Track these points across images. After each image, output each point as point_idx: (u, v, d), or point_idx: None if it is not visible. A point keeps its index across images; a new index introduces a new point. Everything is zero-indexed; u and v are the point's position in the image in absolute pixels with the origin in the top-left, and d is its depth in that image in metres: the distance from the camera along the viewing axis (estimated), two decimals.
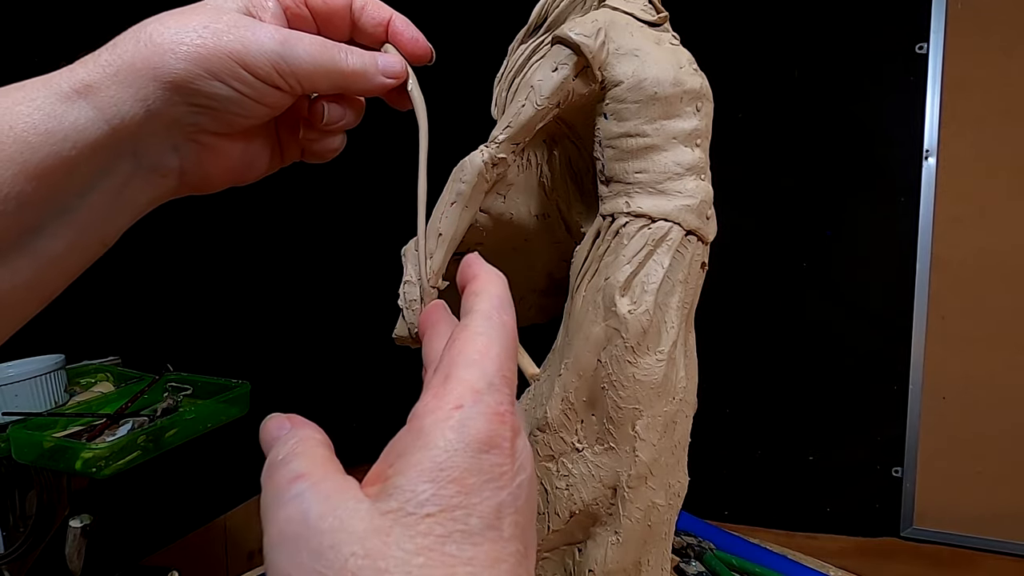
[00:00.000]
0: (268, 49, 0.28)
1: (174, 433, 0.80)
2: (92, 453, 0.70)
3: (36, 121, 0.25)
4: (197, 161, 0.30)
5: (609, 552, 0.43)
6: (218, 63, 0.27)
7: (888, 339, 1.26)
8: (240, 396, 0.87)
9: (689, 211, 0.42)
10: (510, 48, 0.43)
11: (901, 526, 1.30)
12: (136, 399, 0.85)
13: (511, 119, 0.41)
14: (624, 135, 0.42)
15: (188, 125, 0.29)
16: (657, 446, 0.42)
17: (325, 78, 0.31)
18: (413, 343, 0.42)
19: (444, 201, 0.42)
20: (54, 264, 0.28)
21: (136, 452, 0.76)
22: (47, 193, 0.26)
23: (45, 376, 0.81)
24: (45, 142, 0.25)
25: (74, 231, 0.28)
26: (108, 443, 0.73)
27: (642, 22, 0.43)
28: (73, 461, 0.70)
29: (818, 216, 1.29)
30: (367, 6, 0.34)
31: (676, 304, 0.42)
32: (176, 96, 0.27)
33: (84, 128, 0.26)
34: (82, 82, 0.26)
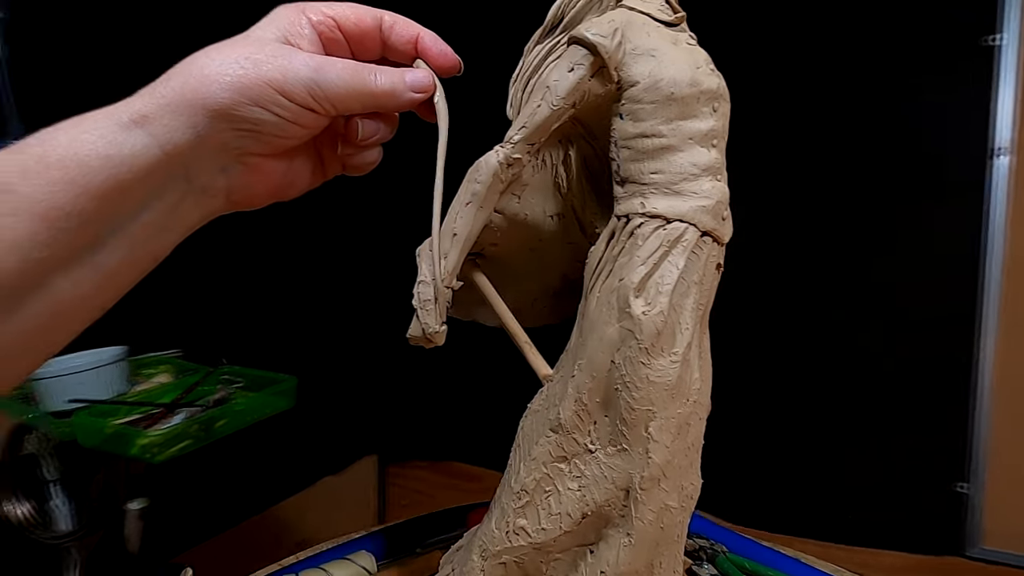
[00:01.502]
0: (303, 76, 0.31)
1: (224, 423, 0.84)
2: (147, 439, 0.74)
3: (98, 147, 0.28)
4: (243, 181, 0.34)
5: (621, 554, 0.42)
6: (258, 91, 0.30)
7: (946, 346, 1.20)
8: (287, 389, 0.91)
9: (705, 212, 0.42)
10: (526, 48, 0.44)
11: (967, 545, 1.23)
12: (191, 390, 0.89)
13: (526, 119, 0.42)
14: (640, 135, 0.42)
15: (234, 148, 0.32)
16: (670, 448, 0.42)
17: (357, 100, 0.34)
18: (427, 343, 0.43)
19: (459, 201, 0.42)
20: (111, 276, 0.30)
21: (188, 440, 0.79)
22: (106, 211, 0.29)
23: (108, 367, 0.86)
24: (105, 166, 0.28)
25: (129, 246, 0.30)
26: (162, 430, 0.78)
27: (659, 22, 0.43)
28: (130, 446, 0.74)
29: (862, 218, 1.25)
30: (396, 25, 0.37)
31: (691, 305, 0.42)
32: (222, 122, 0.30)
33: (140, 154, 0.29)
34: (139, 112, 0.29)
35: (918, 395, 1.22)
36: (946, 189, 1.18)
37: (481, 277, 0.48)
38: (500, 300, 0.48)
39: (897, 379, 1.24)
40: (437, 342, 0.43)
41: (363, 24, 0.35)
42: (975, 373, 1.19)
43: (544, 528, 0.44)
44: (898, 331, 1.24)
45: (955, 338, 1.19)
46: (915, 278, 1.21)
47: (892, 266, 1.23)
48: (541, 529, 0.44)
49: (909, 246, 1.21)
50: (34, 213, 0.27)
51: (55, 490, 0.93)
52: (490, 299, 0.48)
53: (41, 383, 0.84)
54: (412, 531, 0.67)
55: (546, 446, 0.44)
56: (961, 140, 1.16)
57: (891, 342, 1.24)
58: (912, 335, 1.22)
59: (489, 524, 0.46)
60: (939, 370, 1.21)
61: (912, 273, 1.21)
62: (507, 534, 0.45)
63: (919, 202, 1.19)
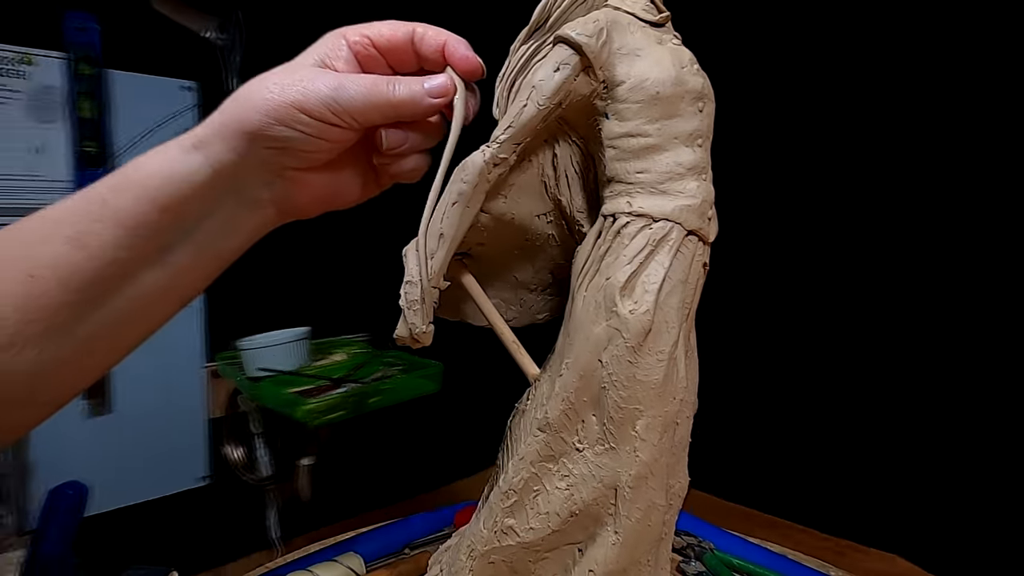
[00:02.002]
0: (323, 94, 0.35)
1: (376, 399, 0.96)
2: (309, 406, 0.86)
3: (164, 169, 0.35)
4: (287, 193, 0.38)
5: (609, 552, 0.43)
6: (283, 111, 0.34)
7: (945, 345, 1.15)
8: (433, 374, 1.03)
9: (690, 211, 0.42)
10: (512, 48, 0.44)
11: None
12: (358, 369, 1.04)
13: (513, 119, 0.42)
14: (626, 135, 0.42)
15: (272, 164, 0.36)
16: (658, 446, 0.42)
17: (377, 110, 0.37)
18: (414, 344, 0.43)
19: (445, 201, 0.42)
20: (181, 275, 0.37)
21: (342, 411, 0.92)
22: (172, 221, 0.35)
23: (292, 344, 1.02)
24: (169, 183, 0.34)
25: (195, 250, 0.37)
26: (322, 400, 0.90)
27: (644, 22, 0.43)
28: (295, 410, 0.86)
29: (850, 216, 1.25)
30: (426, 36, 0.39)
31: (677, 304, 0.42)
32: (257, 143, 0.35)
33: (196, 172, 0.35)
34: (197, 138, 0.35)
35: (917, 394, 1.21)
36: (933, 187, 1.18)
37: (468, 277, 0.48)
38: (487, 300, 0.48)
39: (889, 376, 1.24)
40: (424, 342, 0.43)
41: (395, 39, 0.38)
42: None
43: (532, 527, 0.44)
44: (885, 329, 1.24)
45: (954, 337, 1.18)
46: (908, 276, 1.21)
47: (883, 264, 1.24)
48: (529, 528, 0.44)
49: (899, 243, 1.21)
50: (117, 221, 0.33)
51: (259, 442, 1.14)
52: (477, 299, 0.48)
53: (243, 353, 1.00)
54: (400, 532, 0.67)
55: (534, 445, 0.44)
56: None
57: (880, 340, 1.25)
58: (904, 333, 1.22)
59: (477, 524, 0.46)
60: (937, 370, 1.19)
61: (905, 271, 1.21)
62: (496, 534, 0.45)
63: (907, 199, 1.20)
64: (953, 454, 1.14)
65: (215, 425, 1.16)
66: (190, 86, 1.13)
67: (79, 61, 0.97)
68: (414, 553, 0.64)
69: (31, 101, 0.97)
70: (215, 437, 1.16)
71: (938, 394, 1.16)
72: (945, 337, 1.15)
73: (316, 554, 0.63)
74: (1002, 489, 1.08)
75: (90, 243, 0.33)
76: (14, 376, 0.33)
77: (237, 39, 1.09)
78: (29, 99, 0.97)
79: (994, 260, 1.09)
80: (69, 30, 0.97)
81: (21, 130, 0.97)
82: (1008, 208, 1.06)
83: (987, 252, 1.09)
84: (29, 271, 0.32)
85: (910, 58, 1.16)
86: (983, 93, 1.08)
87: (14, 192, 0.97)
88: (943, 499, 1.15)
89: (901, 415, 1.22)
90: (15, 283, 0.32)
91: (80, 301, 0.34)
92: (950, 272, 1.14)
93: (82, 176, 1.00)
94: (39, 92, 0.97)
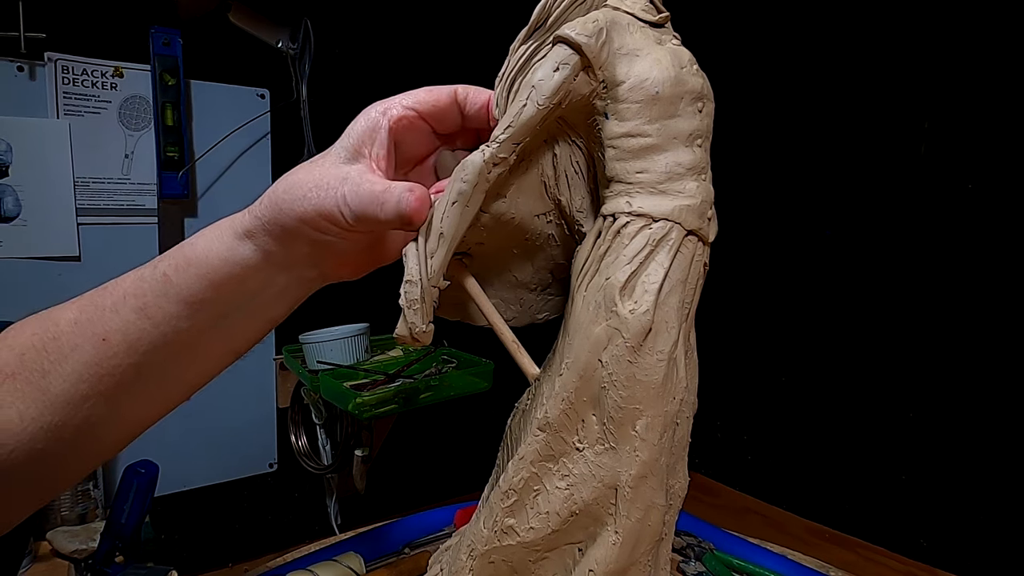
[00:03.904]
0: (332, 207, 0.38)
1: (427, 395, 0.99)
2: (361, 399, 0.90)
3: (221, 253, 0.39)
4: (332, 268, 0.43)
5: (610, 552, 0.43)
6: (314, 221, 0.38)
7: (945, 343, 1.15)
8: (485, 372, 1.05)
9: (690, 211, 0.42)
10: (511, 48, 0.44)
11: None
12: (411, 365, 1.07)
13: (512, 119, 0.41)
14: (625, 135, 0.42)
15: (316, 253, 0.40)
16: (658, 446, 0.42)
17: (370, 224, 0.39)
18: (414, 343, 0.43)
19: (445, 201, 0.42)
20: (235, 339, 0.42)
21: (393, 405, 0.95)
22: (226, 297, 0.39)
23: (351, 339, 1.06)
24: (224, 266, 0.39)
25: (249, 319, 0.41)
26: (374, 394, 0.93)
27: (643, 22, 0.43)
28: (348, 403, 0.89)
29: (849, 216, 1.25)
30: (469, 96, 0.43)
31: (676, 304, 0.42)
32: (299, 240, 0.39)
33: (249, 258, 0.39)
34: (246, 229, 0.39)
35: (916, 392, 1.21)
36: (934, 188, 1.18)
37: (468, 277, 0.48)
38: (487, 299, 0.48)
39: (888, 375, 1.24)
40: (424, 341, 0.43)
41: (440, 104, 0.42)
42: None
43: (533, 527, 0.44)
44: (883, 328, 1.24)
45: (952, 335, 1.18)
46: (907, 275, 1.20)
47: (882, 263, 1.23)
48: (530, 528, 0.44)
49: (898, 241, 1.21)
50: (180, 298, 0.38)
51: (320, 432, 1.20)
52: (477, 299, 0.48)
53: (305, 346, 1.05)
54: (400, 531, 0.67)
55: (534, 445, 0.44)
56: None
57: (879, 338, 1.25)
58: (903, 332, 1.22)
59: (478, 524, 0.47)
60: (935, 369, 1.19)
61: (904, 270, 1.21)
62: (496, 533, 0.45)
63: (906, 198, 1.20)
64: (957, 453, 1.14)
65: (282, 415, 1.24)
66: (263, 93, 1.21)
67: (163, 72, 1.07)
68: (414, 553, 0.64)
69: (122, 110, 1.09)
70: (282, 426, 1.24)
71: (937, 392, 1.16)
72: (943, 335, 1.15)
73: (316, 553, 0.63)
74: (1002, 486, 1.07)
75: (155, 315, 0.38)
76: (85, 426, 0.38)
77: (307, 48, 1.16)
78: (120, 109, 1.08)
79: (993, 257, 1.08)
80: (155, 44, 1.07)
81: (114, 137, 1.09)
82: (1006, 207, 1.06)
83: (986, 249, 1.09)
84: (103, 335, 0.37)
85: (908, 58, 1.16)
86: (981, 92, 1.08)
87: (108, 194, 1.08)
88: (948, 497, 1.14)
89: (900, 414, 1.22)
90: (90, 344, 0.37)
91: (144, 363, 0.38)
92: (949, 270, 1.14)
93: (164, 179, 1.10)
94: (129, 102, 1.09)
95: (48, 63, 1.02)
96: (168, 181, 1.09)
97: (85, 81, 1.05)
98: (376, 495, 1.25)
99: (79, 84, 1.04)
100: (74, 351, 0.37)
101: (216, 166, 1.16)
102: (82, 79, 1.04)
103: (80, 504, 0.98)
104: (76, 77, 1.04)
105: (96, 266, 1.07)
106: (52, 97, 1.02)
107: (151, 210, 1.11)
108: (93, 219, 1.07)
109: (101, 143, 1.06)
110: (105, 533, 0.81)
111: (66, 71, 1.03)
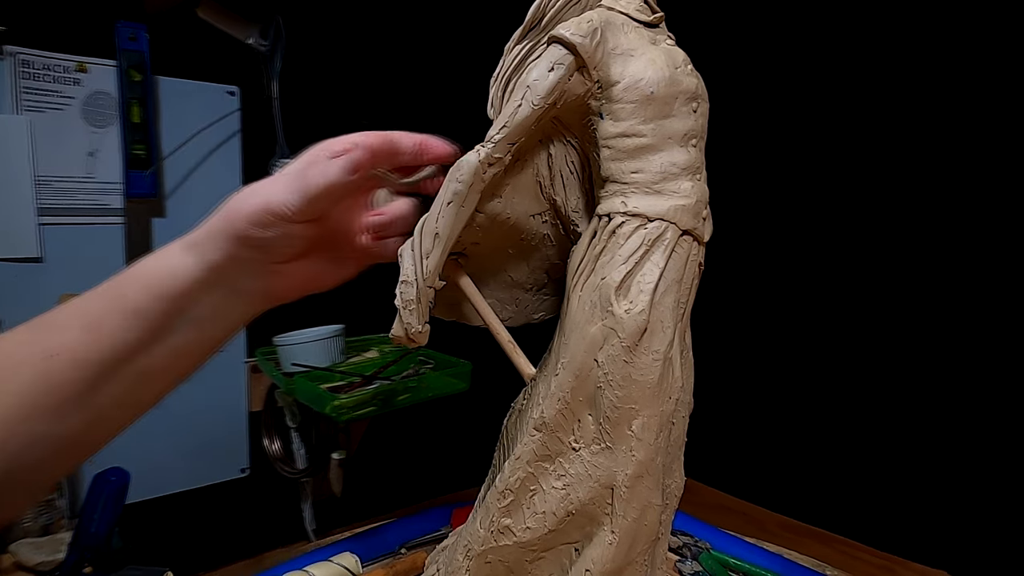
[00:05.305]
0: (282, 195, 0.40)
1: (404, 397, 0.97)
2: (338, 402, 0.88)
3: (164, 265, 0.41)
4: (271, 284, 0.44)
5: (606, 552, 0.43)
6: (258, 215, 0.40)
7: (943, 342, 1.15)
8: (463, 372, 1.03)
9: (685, 211, 0.42)
10: (506, 48, 0.43)
11: None
12: (388, 366, 1.05)
13: (507, 119, 0.41)
14: (620, 135, 0.42)
15: (256, 260, 0.42)
16: (654, 446, 0.42)
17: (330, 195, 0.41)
18: (410, 343, 0.43)
19: (440, 201, 0.42)
20: (179, 356, 0.43)
21: (371, 407, 0.93)
22: (171, 310, 0.41)
23: (326, 340, 1.03)
24: (168, 278, 0.41)
25: (191, 333, 0.42)
26: (352, 396, 0.92)
27: (638, 22, 0.43)
28: (325, 406, 0.87)
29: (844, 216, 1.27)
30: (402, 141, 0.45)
31: (672, 304, 0.42)
32: (242, 244, 0.41)
33: (191, 269, 0.41)
34: (192, 240, 0.41)
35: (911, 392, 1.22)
36: None
37: (464, 277, 0.48)
38: (483, 300, 0.48)
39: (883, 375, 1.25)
40: (420, 342, 0.43)
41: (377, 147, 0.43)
42: None
43: (529, 527, 0.44)
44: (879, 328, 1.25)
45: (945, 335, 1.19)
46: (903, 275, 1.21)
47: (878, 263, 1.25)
48: (526, 528, 0.44)
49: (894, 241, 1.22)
50: (126, 310, 0.40)
51: (295, 435, 1.16)
52: (472, 299, 0.48)
53: (280, 349, 1.03)
54: (396, 531, 0.67)
55: (530, 445, 0.44)
56: None
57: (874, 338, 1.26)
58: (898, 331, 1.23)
59: (474, 523, 0.46)
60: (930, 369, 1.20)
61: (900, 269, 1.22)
62: (492, 533, 0.45)
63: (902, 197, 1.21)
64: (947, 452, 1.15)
65: (254, 419, 1.20)
66: (233, 91, 1.18)
67: (129, 68, 1.03)
68: (410, 553, 0.63)
69: (86, 107, 1.04)
70: (255, 430, 1.20)
71: (931, 392, 1.18)
72: (938, 334, 1.17)
73: (312, 553, 0.62)
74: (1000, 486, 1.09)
75: (102, 328, 0.39)
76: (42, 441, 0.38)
77: (278, 45, 1.13)
78: (84, 105, 1.04)
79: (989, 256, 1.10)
80: (121, 38, 1.03)
81: (77, 134, 1.04)
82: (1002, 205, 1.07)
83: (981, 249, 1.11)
84: (51, 352, 0.38)
85: (904, 57, 1.18)
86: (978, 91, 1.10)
87: (71, 193, 1.04)
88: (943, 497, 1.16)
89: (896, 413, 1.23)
90: (36, 360, 0.38)
91: (89, 378, 0.39)
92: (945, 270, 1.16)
93: (131, 177, 1.05)
94: (93, 98, 1.05)
95: (7, 57, 0.97)
96: (135, 180, 1.05)
97: (47, 76, 1.00)
98: (352, 498, 1.23)
99: (40, 79, 1.00)
100: (21, 367, 0.38)
101: (185, 165, 1.13)
102: (43, 74, 1.00)
103: (44, 515, 0.94)
104: (37, 72, 1.00)
105: (59, 267, 1.03)
106: (11, 92, 0.98)
107: (117, 210, 1.07)
108: (56, 219, 1.02)
109: (63, 140, 1.02)
110: (73, 543, 0.78)
111: (26, 65, 0.99)
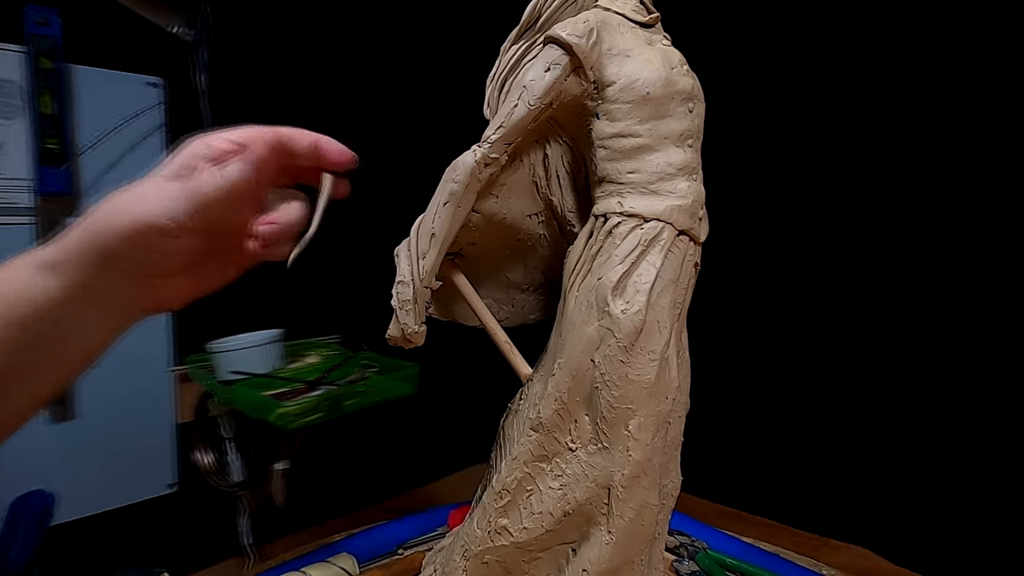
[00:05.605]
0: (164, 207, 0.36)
1: (352, 402, 0.93)
2: (284, 409, 0.83)
3: (19, 288, 0.36)
4: (150, 296, 0.40)
5: (603, 551, 0.43)
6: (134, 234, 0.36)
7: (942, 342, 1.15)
8: (410, 376, 1.00)
9: (681, 211, 0.42)
10: (502, 48, 0.44)
11: None
12: (332, 371, 1.01)
13: (504, 119, 0.42)
14: (616, 135, 0.42)
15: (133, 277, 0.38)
16: (650, 446, 0.42)
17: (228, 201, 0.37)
18: (406, 344, 0.43)
19: (437, 201, 0.42)
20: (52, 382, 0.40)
21: (318, 413, 0.88)
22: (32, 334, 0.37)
23: (265, 346, 0.99)
24: (25, 302, 0.36)
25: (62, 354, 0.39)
26: (298, 403, 0.87)
27: (634, 22, 0.43)
28: (270, 414, 0.83)
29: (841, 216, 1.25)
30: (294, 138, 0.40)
31: (668, 304, 0.42)
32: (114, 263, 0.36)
33: (53, 290, 0.37)
34: (51, 259, 0.37)
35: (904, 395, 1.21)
36: None
37: (460, 277, 0.48)
38: (479, 300, 0.48)
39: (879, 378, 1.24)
40: (416, 342, 0.43)
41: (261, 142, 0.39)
42: None
43: (526, 527, 0.44)
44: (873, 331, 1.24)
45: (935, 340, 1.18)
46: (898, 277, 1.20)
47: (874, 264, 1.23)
48: (523, 528, 0.44)
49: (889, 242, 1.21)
50: None
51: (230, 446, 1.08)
52: (469, 299, 0.48)
53: (215, 356, 0.97)
54: (394, 532, 0.67)
55: (527, 445, 0.44)
56: None
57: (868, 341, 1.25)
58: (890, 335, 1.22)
59: (471, 524, 0.46)
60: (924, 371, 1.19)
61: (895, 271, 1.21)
62: (489, 534, 0.45)
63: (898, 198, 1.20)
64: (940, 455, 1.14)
65: (183, 430, 1.14)
66: (156, 82, 1.10)
67: (39, 55, 0.94)
68: (407, 553, 0.64)
69: None
70: (183, 443, 1.14)
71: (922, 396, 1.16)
72: (927, 339, 1.15)
73: (309, 555, 0.62)
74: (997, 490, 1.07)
75: None
76: None
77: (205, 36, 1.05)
78: None
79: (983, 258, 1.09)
80: (29, 23, 0.94)
81: None
82: (998, 204, 1.06)
83: (975, 251, 1.09)
84: None
85: (900, 57, 1.16)
86: (975, 91, 1.08)
87: None
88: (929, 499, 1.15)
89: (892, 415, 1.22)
90: None
91: None
92: (940, 272, 1.14)
93: (43, 174, 0.97)
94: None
95: None
96: (48, 176, 0.97)
97: None
98: (294, 509, 1.12)
99: None
100: None
101: (104, 160, 1.04)
102: None
103: None
104: None
105: None
106: None
107: (27, 208, 0.97)
108: None
109: None
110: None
111: None
